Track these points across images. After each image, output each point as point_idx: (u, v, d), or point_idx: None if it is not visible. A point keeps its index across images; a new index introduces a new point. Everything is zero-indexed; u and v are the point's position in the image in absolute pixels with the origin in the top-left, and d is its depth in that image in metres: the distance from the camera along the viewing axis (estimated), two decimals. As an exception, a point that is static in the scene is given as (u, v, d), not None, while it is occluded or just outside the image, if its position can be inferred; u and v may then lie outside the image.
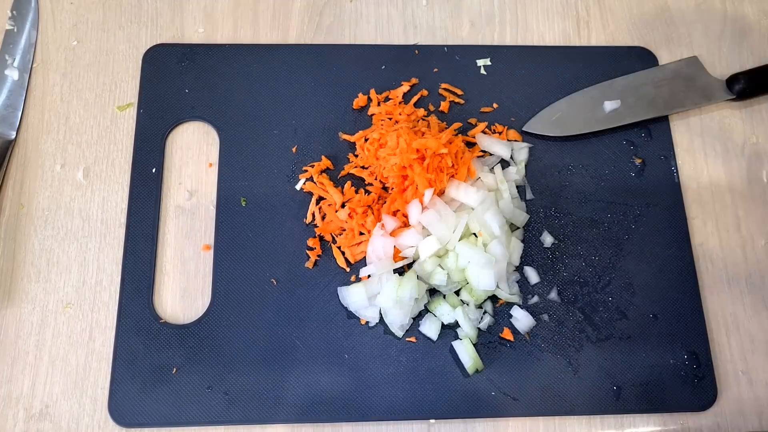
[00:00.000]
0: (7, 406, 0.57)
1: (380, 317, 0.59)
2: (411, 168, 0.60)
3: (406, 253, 0.59)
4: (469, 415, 0.57)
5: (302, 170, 0.63)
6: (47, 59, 0.67)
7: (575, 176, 0.65)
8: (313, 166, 0.63)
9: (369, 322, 0.59)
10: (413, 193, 0.60)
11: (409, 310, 0.57)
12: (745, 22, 0.73)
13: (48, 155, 0.64)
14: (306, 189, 0.62)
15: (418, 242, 0.58)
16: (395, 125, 0.63)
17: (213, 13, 0.70)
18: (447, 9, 0.72)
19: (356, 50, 0.68)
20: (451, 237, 0.58)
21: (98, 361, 0.58)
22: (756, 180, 0.67)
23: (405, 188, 0.61)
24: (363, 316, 0.59)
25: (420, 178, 0.59)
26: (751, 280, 0.63)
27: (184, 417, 0.56)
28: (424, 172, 0.59)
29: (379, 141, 0.62)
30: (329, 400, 0.57)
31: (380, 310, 0.58)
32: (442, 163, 0.60)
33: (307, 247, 0.61)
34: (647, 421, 0.59)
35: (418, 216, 0.59)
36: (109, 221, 0.62)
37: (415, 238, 0.59)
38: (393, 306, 0.57)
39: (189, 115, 0.65)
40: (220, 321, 0.59)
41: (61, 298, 0.60)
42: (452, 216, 0.59)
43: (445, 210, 0.59)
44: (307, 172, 0.63)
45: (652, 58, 0.70)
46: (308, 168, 0.63)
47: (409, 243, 0.59)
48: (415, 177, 0.59)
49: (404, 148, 0.60)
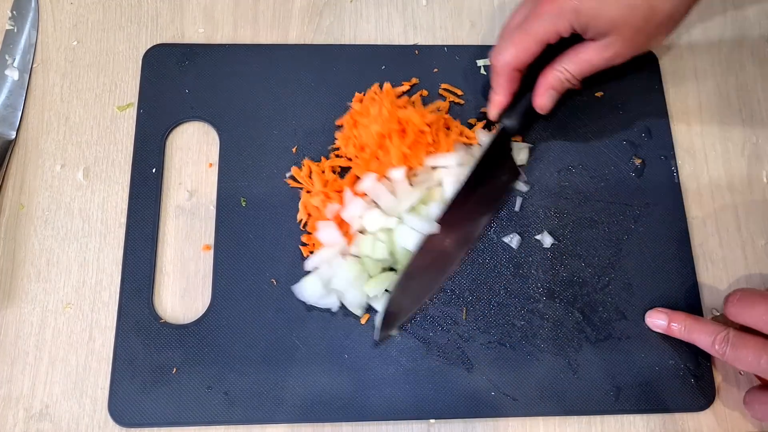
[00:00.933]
0: (7, 406, 0.57)
1: (340, 303, 0.59)
2: (389, 138, 0.59)
3: (353, 224, 0.59)
4: (469, 415, 0.57)
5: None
6: (47, 59, 0.67)
7: (575, 176, 0.65)
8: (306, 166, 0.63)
9: (358, 317, 0.59)
10: (378, 167, 0.60)
11: (365, 287, 0.57)
12: (745, 22, 0.73)
13: (48, 155, 0.64)
14: (291, 183, 0.62)
15: (363, 212, 0.58)
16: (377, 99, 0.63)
17: (213, 13, 0.70)
18: (447, 9, 0.72)
19: (356, 50, 0.68)
20: (398, 209, 0.58)
21: (98, 361, 0.58)
22: (756, 180, 0.67)
23: (378, 159, 0.60)
24: (324, 305, 0.59)
25: (396, 150, 0.59)
26: (751, 280, 0.63)
27: (184, 417, 0.56)
28: (403, 146, 0.59)
29: (360, 113, 0.62)
30: (329, 400, 0.57)
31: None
32: (422, 139, 0.60)
33: (302, 243, 0.61)
34: (647, 421, 0.59)
35: (366, 186, 0.59)
36: (109, 221, 0.62)
37: (360, 208, 0.59)
38: (349, 287, 0.57)
39: (189, 115, 0.65)
40: (220, 321, 0.59)
41: (61, 298, 0.60)
42: (406, 189, 0.59)
43: (401, 184, 0.59)
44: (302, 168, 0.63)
45: (652, 59, 0.70)
46: (305, 162, 0.63)
47: (353, 213, 0.59)
48: (392, 149, 0.59)
49: (386, 116, 0.59)
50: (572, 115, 0.66)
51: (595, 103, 0.68)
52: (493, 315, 0.60)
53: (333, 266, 0.58)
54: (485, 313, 0.60)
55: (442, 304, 0.60)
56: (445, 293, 0.61)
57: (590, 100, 0.68)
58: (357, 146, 0.62)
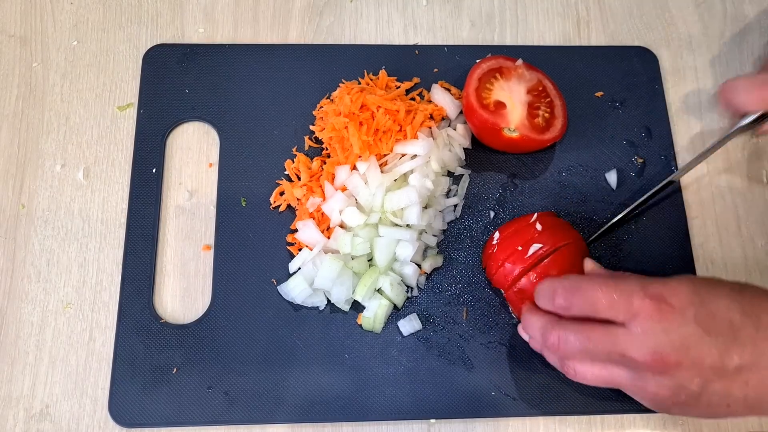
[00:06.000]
0: (7, 406, 0.57)
1: (327, 300, 0.59)
2: (346, 129, 0.59)
3: (333, 218, 0.59)
4: (469, 415, 0.57)
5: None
6: (47, 59, 0.67)
7: (575, 176, 0.65)
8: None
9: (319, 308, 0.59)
10: (352, 158, 0.60)
11: (350, 283, 0.57)
12: (745, 22, 0.73)
13: (48, 155, 0.64)
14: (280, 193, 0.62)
15: (344, 206, 0.59)
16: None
17: (213, 13, 0.70)
18: (447, 9, 0.72)
19: (356, 50, 0.68)
20: (372, 201, 0.59)
21: (98, 361, 0.58)
22: (756, 180, 0.67)
23: (346, 152, 0.60)
24: (312, 304, 0.59)
25: (355, 139, 0.58)
26: (751, 280, 0.63)
27: (184, 417, 0.56)
28: (361, 134, 0.59)
29: (328, 102, 0.63)
30: (329, 400, 0.57)
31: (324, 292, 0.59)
32: (387, 125, 0.59)
33: (288, 243, 0.61)
34: (647, 421, 0.59)
35: (340, 179, 0.59)
36: (109, 221, 0.62)
37: (341, 202, 0.59)
38: (334, 284, 0.57)
39: (189, 115, 0.65)
40: (220, 321, 0.59)
41: (61, 298, 0.60)
42: (376, 177, 0.59)
43: (370, 172, 0.59)
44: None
45: (652, 58, 0.70)
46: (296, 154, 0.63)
47: (333, 207, 0.59)
48: (351, 137, 0.59)
49: (348, 104, 0.59)
50: (572, 114, 0.66)
51: (595, 103, 0.68)
52: (493, 315, 0.60)
53: (316, 265, 0.58)
54: (485, 313, 0.60)
55: (442, 304, 0.60)
56: (445, 293, 0.61)
57: (590, 100, 0.68)
58: (326, 137, 0.62)
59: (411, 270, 0.59)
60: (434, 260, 0.61)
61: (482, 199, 0.64)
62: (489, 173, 0.65)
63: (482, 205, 0.64)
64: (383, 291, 0.58)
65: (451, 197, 0.63)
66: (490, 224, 0.63)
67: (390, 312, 0.59)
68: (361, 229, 0.59)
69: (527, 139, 0.60)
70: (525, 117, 0.60)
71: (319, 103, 0.65)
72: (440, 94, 0.65)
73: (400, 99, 0.63)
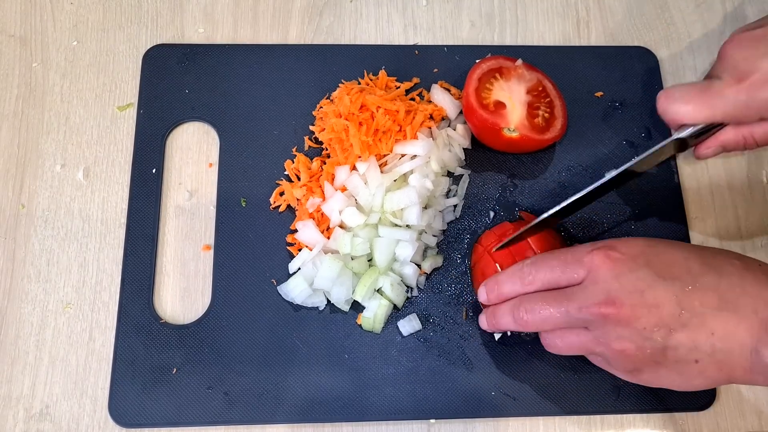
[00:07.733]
0: (7, 406, 0.57)
1: (327, 300, 0.59)
2: (346, 131, 0.59)
3: (332, 219, 0.59)
4: (469, 415, 0.57)
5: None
6: (47, 59, 0.67)
7: (575, 176, 0.65)
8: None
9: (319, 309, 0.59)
10: (352, 158, 0.60)
11: (350, 283, 0.57)
12: (745, 22, 0.73)
13: (48, 155, 0.64)
14: (280, 194, 0.62)
15: (343, 207, 0.59)
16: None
17: (213, 13, 0.70)
18: (447, 9, 0.72)
19: (356, 50, 0.68)
20: (372, 201, 0.59)
21: (98, 361, 0.58)
22: (756, 180, 0.67)
23: (346, 152, 0.60)
24: (312, 304, 0.59)
25: (354, 139, 0.58)
26: (751, 280, 0.63)
27: (184, 417, 0.56)
28: (360, 134, 0.59)
29: (328, 103, 0.63)
30: (329, 400, 0.57)
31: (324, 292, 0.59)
32: (387, 125, 0.59)
33: (288, 243, 0.61)
34: (647, 421, 0.59)
35: (340, 179, 0.59)
36: (109, 221, 0.62)
37: (341, 203, 0.59)
38: (334, 284, 0.57)
39: (189, 115, 0.65)
40: (220, 321, 0.59)
41: (61, 298, 0.60)
42: (376, 177, 0.59)
43: (370, 172, 0.59)
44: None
45: (652, 58, 0.70)
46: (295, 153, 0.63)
47: (333, 207, 0.59)
48: (351, 138, 0.59)
49: (347, 105, 0.59)
50: (572, 114, 0.66)
51: (595, 103, 0.68)
52: (493, 315, 0.60)
53: (316, 265, 0.58)
54: (485, 313, 0.60)
55: (442, 304, 0.60)
56: (445, 293, 0.61)
57: (590, 100, 0.68)
58: (325, 138, 0.62)
59: (411, 270, 0.59)
60: (434, 260, 0.61)
61: (482, 199, 0.64)
62: (489, 173, 0.65)
63: (482, 205, 0.64)
64: (383, 291, 0.58)
65: (451, 197, 0.63)
66: (489, 224, 0.63)
67: (390, 312, 0.59)
68: (360, 230, 0.59)
69: (527, 139, 0.60)
70: (525, 117, 0.60)
71: (319, 103, 0.65)
72: (440, 94, 0.65)
73: (399, 99, 0.63)
